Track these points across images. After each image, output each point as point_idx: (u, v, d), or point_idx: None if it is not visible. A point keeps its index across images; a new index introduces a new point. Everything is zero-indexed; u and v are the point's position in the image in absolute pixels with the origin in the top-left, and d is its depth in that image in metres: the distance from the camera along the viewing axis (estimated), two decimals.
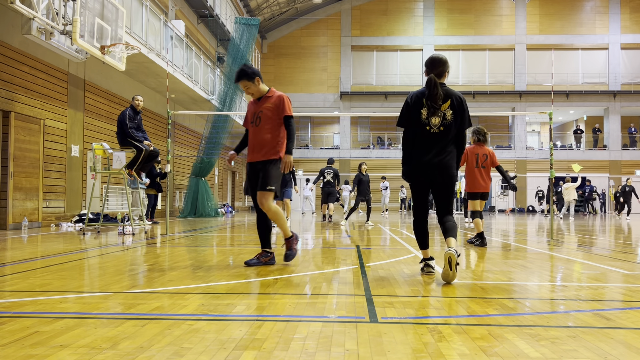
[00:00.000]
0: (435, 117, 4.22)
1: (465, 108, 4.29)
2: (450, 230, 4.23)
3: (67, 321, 2.72)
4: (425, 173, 4.26)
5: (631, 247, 7.76)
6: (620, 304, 3.39)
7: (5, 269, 4.75)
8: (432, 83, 4.19)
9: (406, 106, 4.34)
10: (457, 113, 4.25)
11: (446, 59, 4.36)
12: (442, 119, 4.24)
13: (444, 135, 4.24)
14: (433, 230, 11.17)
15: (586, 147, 33.61)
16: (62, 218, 11.93)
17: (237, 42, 18.87)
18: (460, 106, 4.26)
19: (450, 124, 4.24)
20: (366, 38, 34.02)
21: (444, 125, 4.23)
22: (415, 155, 4.29)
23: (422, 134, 4.26)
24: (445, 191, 4.34)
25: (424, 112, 4.24)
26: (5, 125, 10.14)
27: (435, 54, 4.41)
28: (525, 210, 32.09)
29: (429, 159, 4.22)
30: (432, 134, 4.24)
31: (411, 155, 4.32)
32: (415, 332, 2.58)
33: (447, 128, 4.24)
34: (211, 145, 18.31)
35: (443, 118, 4.24)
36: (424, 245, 4.47)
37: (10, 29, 10.11)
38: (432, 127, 4.24)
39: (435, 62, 4.31)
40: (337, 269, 4.84)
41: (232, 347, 2.28)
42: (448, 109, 4.24)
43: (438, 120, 4.23)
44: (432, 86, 4.19)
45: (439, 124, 4.23)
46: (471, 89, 33.28)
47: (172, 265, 5.07)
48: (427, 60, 4.36)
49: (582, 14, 33.68)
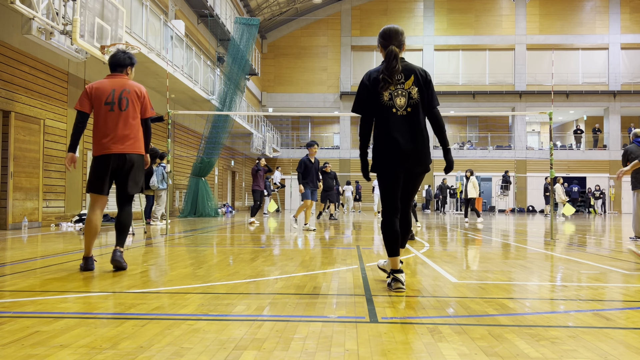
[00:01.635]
0: (400, 97, 3.66)
1: (431, 82, 3.77)
2: (404, 239, 3.89)
3: (67, 321, 2.72)
4: (400, 162, 3.66)
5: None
6: (620, 304, 3.39)
7: (5, 269, 4.75)
8: (392, 55, 3.63)
9: (363, 88, 3.74)
10: (424, 90, 3.70)
11: (402, 29, 3.83)
12: (407, 98, 3.66)
13: (413, 118, 3.66)
14: (432, 229, 11.16)
15: (586, 147, 33.62)
16: (62, 218, 11.93)
17: (237, 42, 18.87)
18: (426, 81, 3.73)
19: (417, 103, 3.68)
20: (366, 38, 34.01)
21: (411, 106, 3.67)
22: (385, 143, 3.67)
23: (388, 118, 3.66)
24: (415, 186, 3.83)
25: (386, 94, 3.66)
26: (5, 125, 10.14)
27: (389, 25, 3.85)
28: (525, 210, 32.09)
29: (403, 146, 3.62)
30: (399, 117, 3.65)
31: (380, 145, 3.70)
32: (415, 332, 2.58)
33: (415, 109, 3.67)
34: (211, 145, 18.31)
35: (409, 97, 3.67)
36: (394, 251, 3.71)
37: (10, 29, 10.11)
38: (398, 109, 3.66)
39: (393, 32, 3.74)
40: (337, 269, 4.84)
41: (232, 347, 2.28)
42: (413, 85, 3.68)
43: (404, 100, 3.66)
44: (392, 58, 3.62)
45: (405, 104, 3.66)
46: (471, 89, 33.29)
47: (172, 265, 5.07)
48: (382, 32, 3.79)
49: (582, 14, 33.69)
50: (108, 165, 4.51)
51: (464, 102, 33.21)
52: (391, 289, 3.70)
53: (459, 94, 33.18)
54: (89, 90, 4.65)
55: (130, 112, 4.60)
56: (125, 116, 4.57)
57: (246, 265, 5.06)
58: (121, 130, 4.54)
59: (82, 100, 4.61)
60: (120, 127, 4.54)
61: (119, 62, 4.81)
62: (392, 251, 3.71)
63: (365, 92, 3.72)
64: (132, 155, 4.56)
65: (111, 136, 4.51)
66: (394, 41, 3.71)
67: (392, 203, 3.76)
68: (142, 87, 4.78)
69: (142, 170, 4.71)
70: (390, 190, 3.75)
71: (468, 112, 30.84)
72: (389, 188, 3.74)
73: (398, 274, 3.67)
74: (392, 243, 3.71)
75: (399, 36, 3.74)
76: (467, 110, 33.21)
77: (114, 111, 4.56)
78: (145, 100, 4.73)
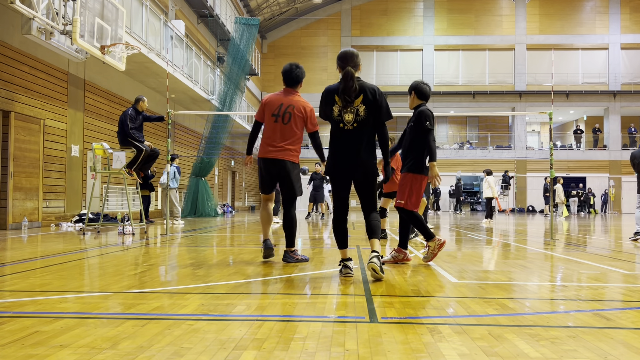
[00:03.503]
0: (348, 113, 4.10)
1: (380, 100, 4.13)
2: (374, 230, 4.19)
3: (67, 321, 2.72)
4: (345, 171, 4.20)
5: (631, 247, 7.76)
6: (620, 304, 3.39)
7: (5, 269, 4.75)
8: (349, 75, 4.08)
9: (322, 100, 4.28)
10: (371, 108, 4.12)
11: (357, 52, 4.27)
12: (355, 114, 4.10)
13: (358, 133, 4.12)
14: (434, 227, 11.15)
15: (586, 147, 33.62)
16: (62, 218, 11.93)
17: (237, 42, 18.87)
18: (374, 100, 4.12)
19: (364, 120, 4.11)
20: (366, 38, 34.02)
21: (357, 122, 4.11)
22: (335, 153, 4.21)
23: (337, 131, 4.18)
24: (367, 189, 4.24)
25: (336, 109, 4.14)
26: (5, 125, 10.14)
27: (345, 48, 4.34)
28: (525, 211, 32.09)
29: (347, 158, 4.14)
30: (346, 131, 4.13)
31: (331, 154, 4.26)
32: (415, 332, 2.58)
33: (360, 125, 4.11)
34: (211, 145, 18.31)
35: (356, 114, 4.10)
36: (342, 244, 4.33)
37: (10, 29, 10.11)
38: (346, 124, 4.12)
39: (349, 55, 4.21)
40: (337, 268, 4.83)
41: (232, 347, 2.28)
42: (361, 104, 4.10)
43: (351, 116, 4.10)
44: (349, 78, 4.07)
45: (352, 120, 4.11)
46: (471, 89, 33.29)
47: (172, 265, 5.07)
48: (340, 55, 4.24)
49: (582, 14, 33.69)
50: (266, 169, 5.14)
51: (464, 102, 33.21)
52: (341, 274, 4.27)
53: (459, 94, 33.18)
54: (264, 101, 5.22)
55: (292, 125, 5.09)
56: (287, 128, 5.08)
57: (246, 265, 5.06)
58: (279, 140, 5.06)
59: (258, 111, 5.21)
60: (279, 136, 5.08)
61: (297, 78, 5.17)
62: (340, 244, 4.34)
63: (323, 105, 4.27)
64: (286, 162, 5.09)
65: (272, 144, 5.07)
66: (350, 63, 4.16)
67: (341, 205, 4.32)
68: (307, 104, 5.21)
69: (294, 175, 5.19)
70: (337, 194, 4.32)
71: (468, 112, 30.86)
72: (336, 193, 4.32)
73: (348, 261, 4.29)
74: (340, 237, 4.34)
75: (354, 59, 4.20)
76: (467, 110, 33.20)
77: (277, 123, 5.07)
78: (308, 115, 5.15)
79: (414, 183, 5.01)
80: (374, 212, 4.26)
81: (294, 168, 5.17)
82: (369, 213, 4.26)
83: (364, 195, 4.26)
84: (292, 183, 5.16)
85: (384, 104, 4.15)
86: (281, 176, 5.14)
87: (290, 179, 5.14)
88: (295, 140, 5.12)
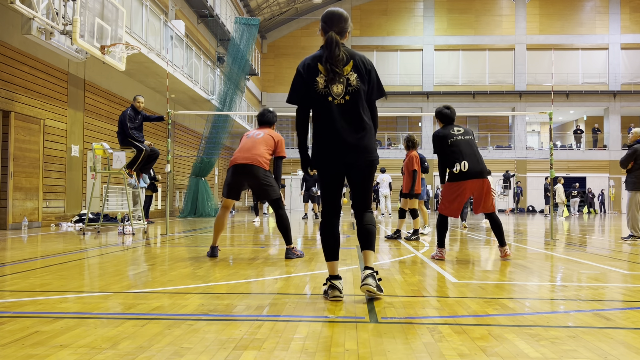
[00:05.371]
0: (337, 84, 3.32)
1: (372, 72, 3.43)
2: (369, 237, 3.38)
3: (67, 321, 2.72)
4: (340, 157, 3.33)
5: (631, 247, 7.76)
6: (620, 304, 3.39)
7: (5, 269, 4.75)
8: (334, 41, 3.33)
9: (298, 76, 3.40)
10: (364, 76, 3.37)
11: (347, 14, 3.51)
12: (345, 85, 3.33)
13: (352, 106, 3.33)
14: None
15: (586, 147, 33.61)
16: (62, 218, 11.93)
17: (237, 42, 18.86)
18: (366, 68, 3.40)
19: (357, 90, 3.34)
20: (366, 38, 34.01)
21: (349, 94, 3.33)
22: (323, 136, 3.35)
23: (324, 108, 3.33)
24: (365, 180, 3.42)
25: (321, 80, 3.32)
26: (5, 125, 10.14)
27: (332, 8, 3.54)
28: (525, 210, 32.09)
29: (342, 139, 3.30)
30: (336, 105, 3.32)
31: (318, 138, 3.38)
32: (415, 332, 2.57)
33: (354, 96, 3.33)
34: (211, 145, 18.32)
35: (347, 84, 3.33)
36: (332, 255, 3.39)
37: (10, 29, 10.11)
38: (335, 97, 3.32)
39: (336, 17, 3.44)
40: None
41: (232, 347, 2.28)
42: (351, 72, 3.35)
43: (341, 87, 3.32)
44: (334, 45, 3.32)
45: (342, 92, 3.32)
46: (471, 89, 33.28)
47: (172, 265, 5.07)
48: (324, 16, 3.48)
49: (582, 14, 33.68)
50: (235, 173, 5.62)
51: (464, 102, 33.20)
52: (327, 297, 3.34)
53: (459, 94, 33.18)
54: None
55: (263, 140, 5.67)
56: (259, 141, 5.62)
57: (246, 265, 5.06)
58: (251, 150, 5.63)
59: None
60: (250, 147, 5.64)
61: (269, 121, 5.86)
62: (330, 255, 3.39)
63: (300, 81, 3.39)
64: (256, 168, 5.53)
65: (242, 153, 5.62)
66: (335, 27, 3.42)
67: (332, 202, 3.44)
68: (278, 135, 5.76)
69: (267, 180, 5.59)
70: (329, 188, 3.42)
71: (468, 112, 30.81)
72: (328, 186, 3.41)
73: (336, 280, 3.33)
74: (330, 247, 3.39)
75: (341, 22, 3.43)
76: (467, 110, 33.15)
77: (250, 138, 5.71)
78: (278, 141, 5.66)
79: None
80: (369, 211, 3.46)
81: (265, 174, 5.53)
82: (364, 212, 3.45)
83: (360, 188, 3.43)
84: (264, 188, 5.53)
85: (376, 78, 3.43)
86: (252, 182, 5.49)
87: (260, 184, 5.51)
88: (267, 151, 5.55)
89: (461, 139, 5.53)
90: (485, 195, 5.56)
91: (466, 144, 5.51)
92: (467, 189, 5.49)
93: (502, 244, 5.68)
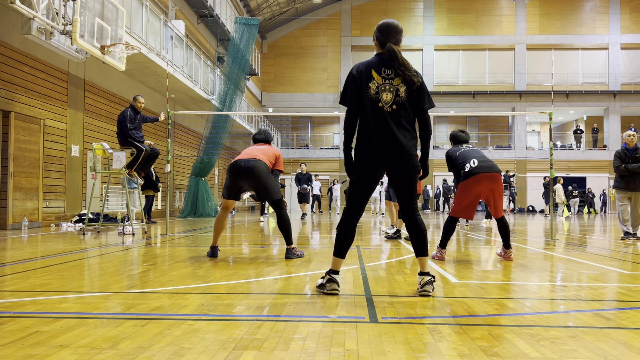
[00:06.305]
0: (387, 92, 3.50)
1: (423, 84, 3.60)
2: (424, 242, 3.55)
3: (67, 321, 2.72)
4: (381, 160, 3.49)
5: (631, 246, 7.76)
6: (621, 304, 3.39)
7: (5, 269, 4.75)
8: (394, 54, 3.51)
9: (352, 80, 3.54)
10: (412, 90, 3.54)
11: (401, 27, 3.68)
12: (394, 95, 3.50)
13: (399, 115, 3.50)
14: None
15: (586, 147, 33.61)
16: (62, 218, 11.93)
17: (237, 42, 18.86)
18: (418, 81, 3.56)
19: (404, 102, 3.51)
20: (366, 38, 34.00)
21: (397, 104, 3.50)
22: (370, 138, 3.50)
23: (375, 113, 3.50)
24: (411, 184, 3.56)
25: (373, 86, 3.50)
26: (5, 125, 10.14)
27: (388, 19, 3.69)
28: (525, 210, 32.09)
29: (388, 146, 3.47)
30: (385, 112, 3.49)
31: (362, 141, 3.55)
32: (415, 332, 2.58)
33: (400, 106, 3.51)
34: (211, 145, 18.32)
35: (396, 94, 3.50)
36: (342, 253, 3.58)
37: (10, 29, 10.11)
38: (384, 104, 3.50)
39: (392, 29, 3.59)
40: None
41: (232, 347, 2.28)
42: (401, 84, 3.51)
43: (390, 96, 3.50)
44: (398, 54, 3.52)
45: (391, 100, 3.50)
46: (471, 89, 33.28)
47: (172, 265, 5.07)
48: (380, 27, 3.62)
49: (582, 14, 33.69)
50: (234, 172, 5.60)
51: (464, 102, 33.21)
52: (324, 289, 3.55)
53: (459, 94, 33.18)
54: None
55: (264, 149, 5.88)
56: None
57: (246, 265, 5.06)
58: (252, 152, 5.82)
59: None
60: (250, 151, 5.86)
61: (264, 138, 6.17)
62: (340, 251, 3.58)
63: (354, 84, 3.54)
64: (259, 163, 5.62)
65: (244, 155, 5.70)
66: (392, 38, 3.58)
67: (358, 205, 3.57)
68: (277, 150, 5.94)
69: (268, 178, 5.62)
70: (360, 190, 3.56)
71: (468, 112, 30.86)
72: (360, 187, 3.55)
73: (335, 274, 3.54)
74: (342, 244, 3.57)
75: (397, 34, 3.60)
76: (467, 110, 33.21)
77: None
78: (276, 155, 5.83)
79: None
80: (417, 215, 3.60)
81: (267, 171, 5.55)
82: (414, 215, 3.59)
83: (406, 193, 3.57)
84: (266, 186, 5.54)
85: (426, 89, 3.62)
86: (254, 179, 5.46)
87: (262, 181, 5.50)
88: (268, 158, 5.64)
89: (470, 148, 5.85)
90: (498, 198, 5.63)
91: (474, 150, 5.83)
92: (481, 185, 5.51)
93: (507, 247, 5.75)
